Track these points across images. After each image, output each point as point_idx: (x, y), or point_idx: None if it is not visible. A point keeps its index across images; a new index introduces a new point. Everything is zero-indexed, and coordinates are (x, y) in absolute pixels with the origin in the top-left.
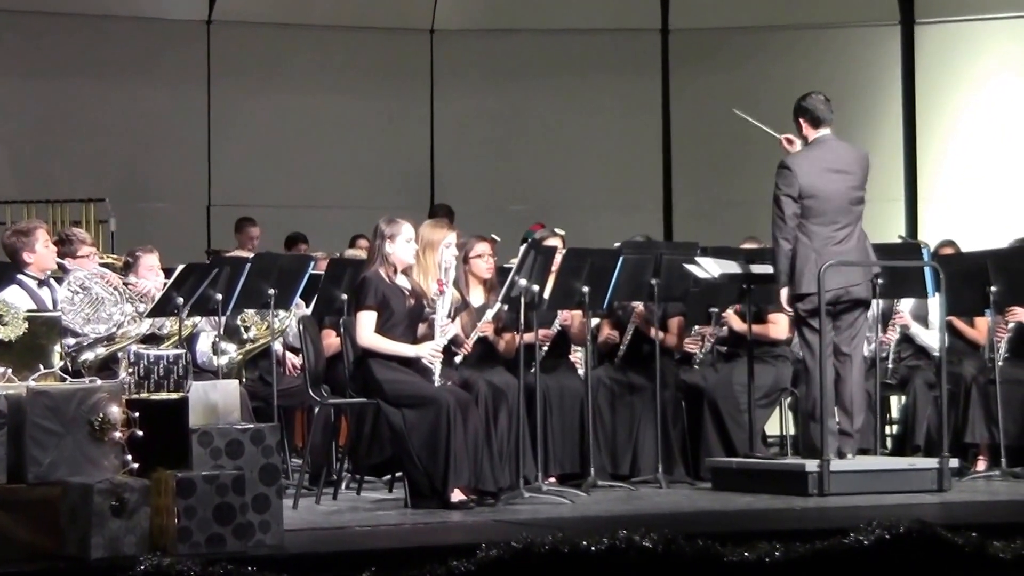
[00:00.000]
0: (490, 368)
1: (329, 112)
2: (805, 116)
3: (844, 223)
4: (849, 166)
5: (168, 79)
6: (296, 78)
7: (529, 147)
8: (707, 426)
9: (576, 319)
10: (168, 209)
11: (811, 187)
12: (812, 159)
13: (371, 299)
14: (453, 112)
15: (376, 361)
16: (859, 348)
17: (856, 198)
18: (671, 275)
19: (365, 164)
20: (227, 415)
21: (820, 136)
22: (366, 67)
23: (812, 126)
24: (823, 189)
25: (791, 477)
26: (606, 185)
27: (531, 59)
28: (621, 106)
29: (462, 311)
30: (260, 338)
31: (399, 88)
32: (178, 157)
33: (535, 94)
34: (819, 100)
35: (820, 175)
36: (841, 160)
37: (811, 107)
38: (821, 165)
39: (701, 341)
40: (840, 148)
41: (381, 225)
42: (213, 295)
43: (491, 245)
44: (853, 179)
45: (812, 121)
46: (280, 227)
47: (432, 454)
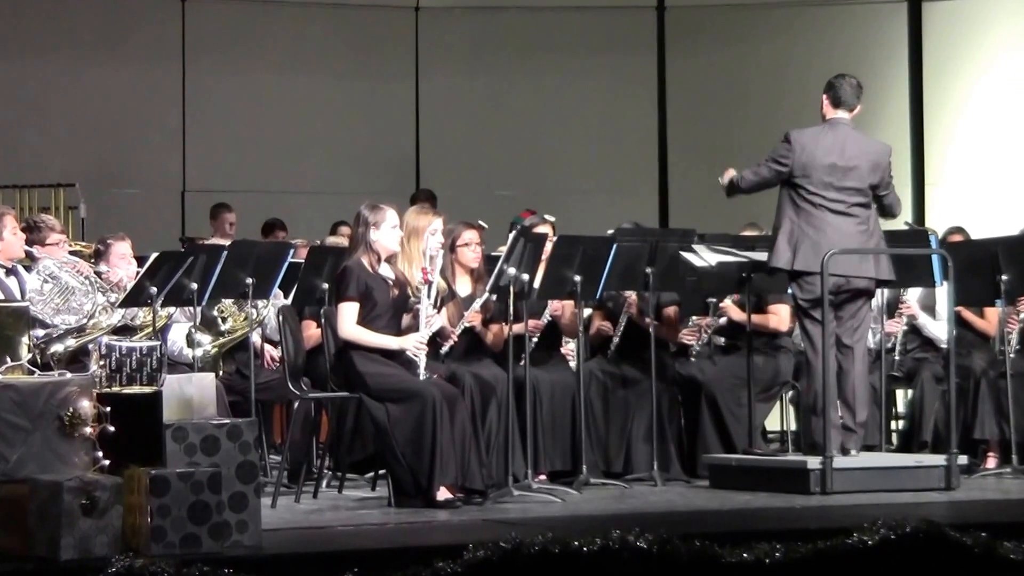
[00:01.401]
0: (477, 361)
1: (309, 93)
2: (829, 93)
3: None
4: (856, 155)
5: (141, 58)
6: (275, 57)
7: (518, 129)
8: (704, 421)
9: (567, 309)
10: (141, 195)
11: (805, 168)
12: (819, 139)
13: (353, 289)
14: (439, 93)
15: (358, 354)
16: (863, 339)
17: (857, 188)
18: (667, 263)
19: (347, 147)
20: (202, 410)
21: (834, 118)
22: (348, 46)
23: (832, 105)
24: (818, 173)
25: (792, 475)
26: (599, 169)
27: (521, 37)
28: (615, 86)
29: (448, 301)
30: (237, 329)
31: (383, 68)
32: (151, 140)
33: (525, 74)
34: (848, 83)
35: (819, 158)
36: (847, 148)
37: (837, 86)
38: (824, 147)
39: (698, 332)
40: (852, 136)
41: (364, 211)
42: (188, 284)
43: (478, 232)
44: (857, 168)
45: (832, 100)
46: (258, 213)
47: (417, 450)
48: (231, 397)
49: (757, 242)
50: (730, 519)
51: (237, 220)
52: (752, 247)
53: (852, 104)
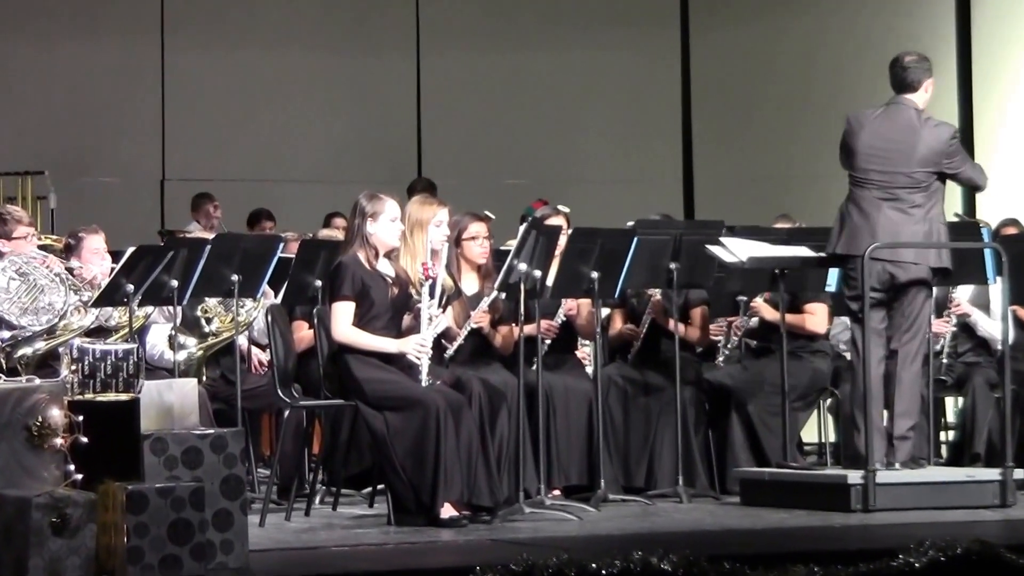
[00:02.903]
0: (485, 365)
1: (300, 71)
2: (890, 72)
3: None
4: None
5: (116, 33)
6: (263, 31)
7: (529, 112)
8: (734, 431)
9: (583, 309)
10: (116, 184)
11: (853, 149)
12: (869, 121)
13: (348, 287)
14: (443, 71)
15: (354, 357)
16: (915, 339)
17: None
18: (692, 258)
19: (342, 131)
20: (184, 419)
21: (896, 99)
22: (342, 19)
23: (895, 87)
24: (871, 156)
25: (831, 490)
26: (617, 156)
27: (532, 10)
28: (634, 65)
29: (454, 300)
30: (222, 331)
31: (380, 43)
32: (127, 124)
33: (536, 50)
34: (910, 60)
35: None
36: (898, 130)
37: (898, 66)
38: (873, 129)
39: (727, 334)
40: (906, 118)
41: (361, 202)
42: (168, 282)
43: (486, 225)
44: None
45: (895, 82)
46: (244, 204)
47: (419, 464)
48: (215, 405)
49: (791, 235)
50: (763, 539)
51: (221, 212)
52: (786, 240)
53: (917, 82)
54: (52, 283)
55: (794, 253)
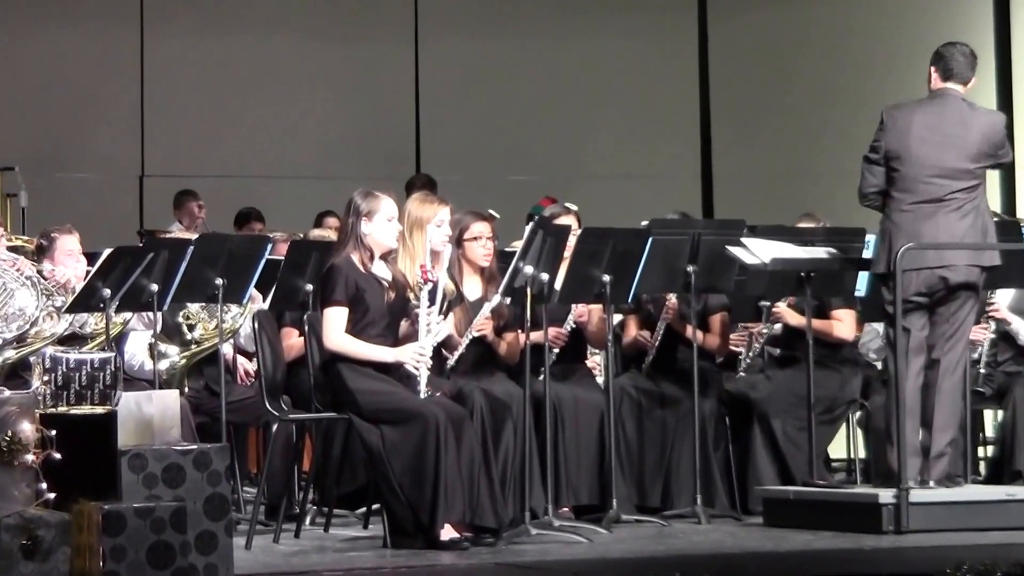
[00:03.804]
0: (489, 376)
1: (291, 61)
2: (938, 64)
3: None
4: (959, 130)
5: (93, 19)
6: (251, 19)
7: (536, 104)
8: (757, 447)
9: (594, 315)
10: (91, 180)
11: (898, 148)
12: (914, 113)
13: (341, 291)
14: (443, 61)
15: (348, 367)
16: (959, 347)
17: (961, 170)
18: (712, 261)
19: (335, 125)
20: (165, 433)
21: (942, 90)
22: (336, 6)
23: (941, 77)
24: (913, 152)
25: (861, 510)
26: (631, 150)
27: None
28: (649, 54)
29: (455, 305)
30: (205, 339)
31: (377, 32)
32: (104, 116)
33: (544, 40)
34: (960, 51)
35: (914, 135)
36: (950, 121)
37: (947, 56)
38: (921, 122)
39: (749, 342)
40: (957, 109)
41: (356, 199)
42: (147, 286)
43: (490, 225)
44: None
45: (943, 72)
46: (230, 202)
47: (417, 481)
48: (198, 418)
49: (815, 235)
50: (788, 563)
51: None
52: (811, 241)
53: (966, 76)
54: (23, 287)
55: (820, 255)
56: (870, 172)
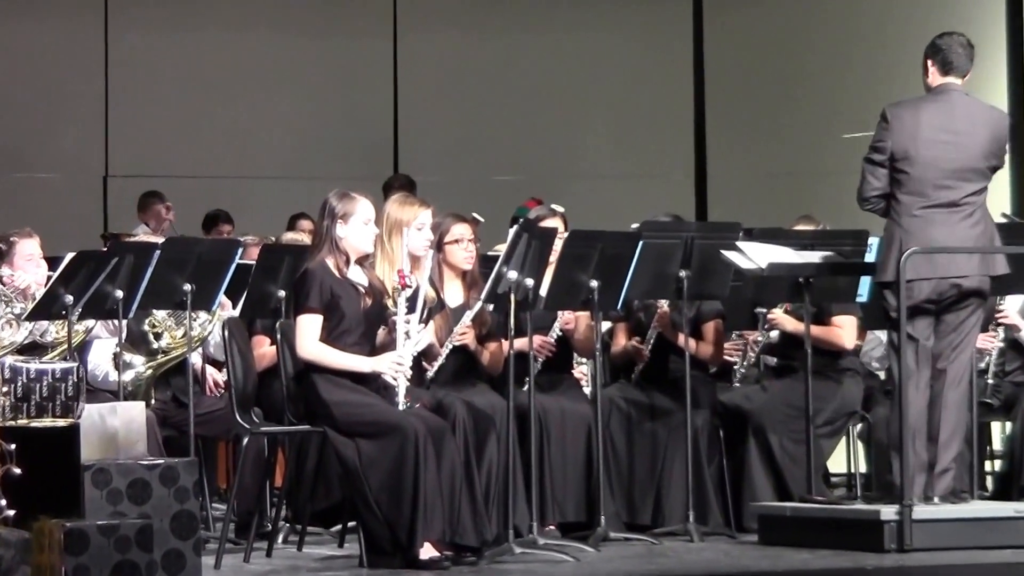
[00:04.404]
0: (471, 386)
1: (264, 56)
2: (935, 56)
3: (947, 199)
4: (969, 128)
5: (54, 13)
6: (222, 12)
7: (521, 101)
8: (752, 461)
9: (582, 322)
10: (53, 181)
11: (907, 149)
12: (920, 112)
13: (316, 298)
14: (423, 55)
15: (322, 378)
16: (964, 357)
17: (970, 170)
18: (705, 265)
19: (310, 123)
20: (130, 447)
21: (944, 86)
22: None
23: (940, 71)
24: (922, 153)
25: (862, 527)
26: (621, 149)
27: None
28: (640, 48)
29: (435, 312)
30: (173, 348)
31: (353, 25)
32: (66, 114)
33: (529, 33)
34: (959, 42)
35: (923, 135)
36: (959, 119)
37: (945, 47)
38: (929, 121)
39: (744, 350)
40: (963, 105)
41: (331, 201)
42: (112, 292)
43: (472, 227)
44: (971, 145)
45: (941, 65)
46: (199, 204)
47: (395, 498)
48: (165, 431)
49: (814, 238)
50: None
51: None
52: (810, 245)
53: (965, 68)
54: None
55: (820, 259)
56: (873, 174)
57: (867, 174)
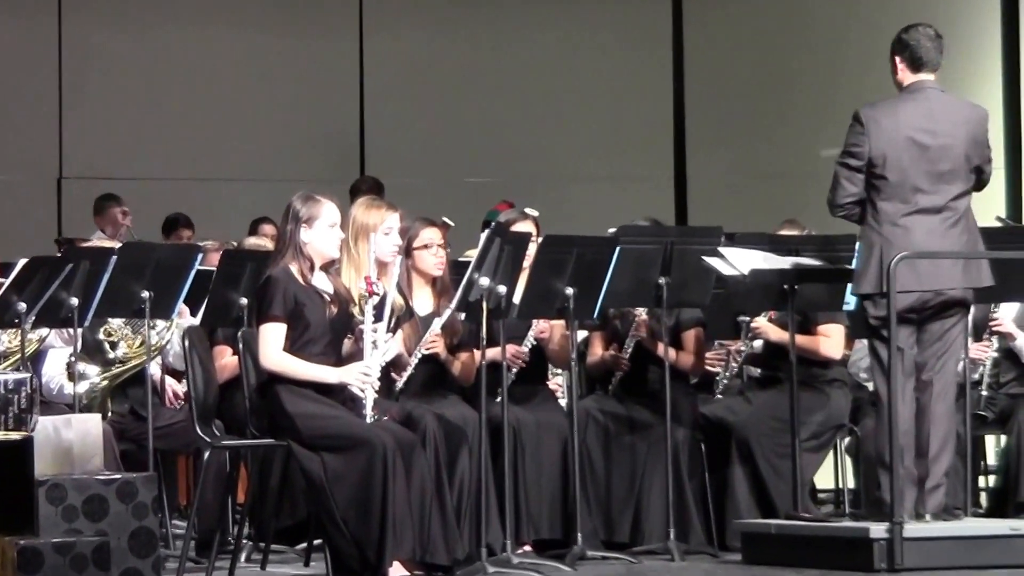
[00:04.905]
0: (441, 398)
1: (225, 54)
2: (903, 52)
3: (928, 203)
4: (950, 128)
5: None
6: (181, 8)
7: (493, 101)
8: (736, 476)
9: (557, 332)
10: (5, 183)
11: (885, 152)
12: (897, 113)
13: (279, 306)
14: (390, 53)
15: (287, 389)
16: (949, 367)
17: (952, 172)
18: (686, 271)
19: (273, 123)
20: (86, 461)
21: (917, 83)
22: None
23: (911, 68)
24: (902, 156)
25: (850, 546)
26: (597, 150)
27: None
28: (618, 43)
29: (404, 321)
30: (130, 357)
31: (318, 22)
32: (18, 113)
33: (504, 29)
34: (926, 34)
35: (901, 137)
36: (939, 119)
37: (912, 42)
38: (908, 122)
39: (726, 361)
40: (941, 103)
41: (294, 204)
42: (67, 299)
43: (442, 232)
44: (953, 146)
45: (911, 61)
46: (157, 208)
47: (363, 515)
48: (123, 445)
49: (800, 243)
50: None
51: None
52: (795, 250)
53: (936, 62)
54: None
55: (805, 265)
56: (849, 180)
57: (842, 179)
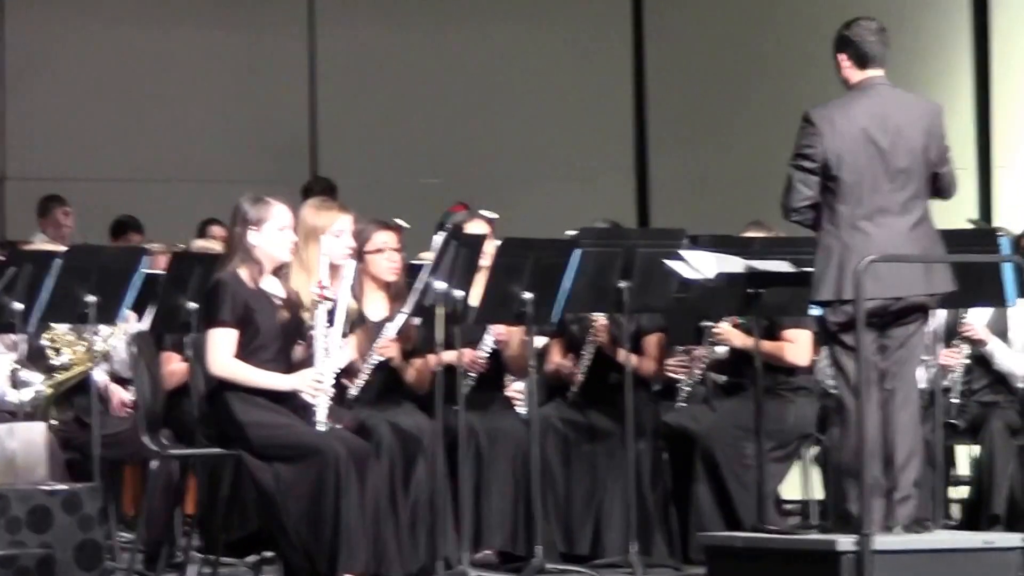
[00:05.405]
0: (396, 406)
1: (172, 49)
2: (847, 50)
3: (886, 204)
4: (905, 124)
5: None
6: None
7: (448, 97)
8: (699, 487)
9: (514, 337)
10: None
11: (840, 153)
12: (850, 112)
13: (227, 311)
14: (342, 49)
15: (237, 396)
16: (911, 374)
17: (909, 170)
18: (647, 275)
19: (220, 122)
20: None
21: (866, 80)
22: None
23: (857, 64)
24: (859, 156)
25: (817, 558)
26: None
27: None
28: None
29: (357, 326)
30: (75, 364)
31: (267, 17)
32: None
33: (460, 23)
34: (868, 28)
35: (856, 136)
36: (892, 116)
37: (856, 38)
38: (861, 120)
39: (689, 367)
40: (894, 99)
41: (243, 206)
42: (9, 304)
43: (396, 235)
44: (909, 142)
45: (857, 58)
46: (102, 209)
47: (315, 526)
48: (67, 454)
49: (765, 245)
50: None
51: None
52: (761, 253)
53: (883, 56)
54: None
55: (771, 268)
56: (804, 183)
57: (796, 183)
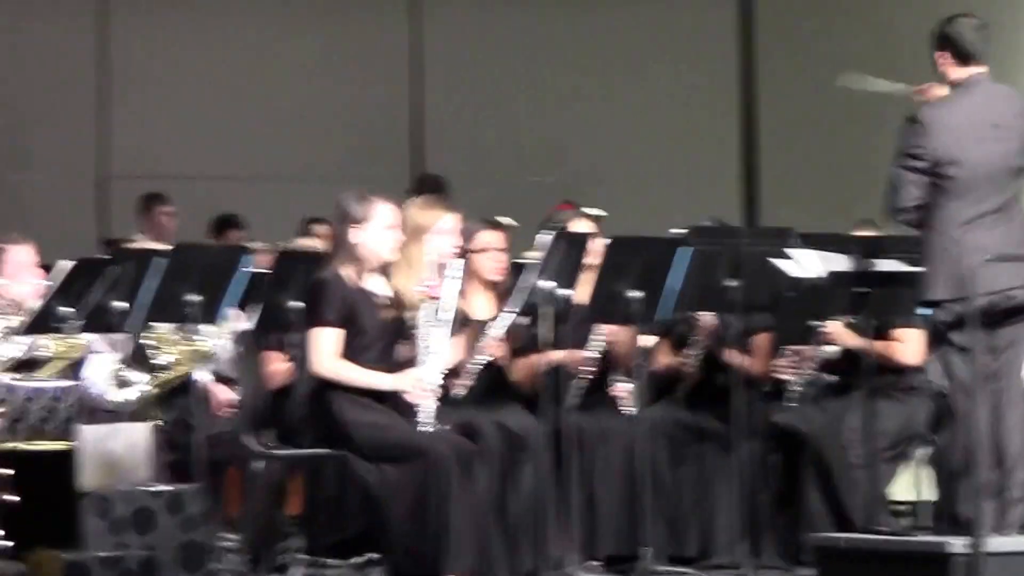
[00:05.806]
0: (501, 406)
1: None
2: (948, 48)
3: (998, 202)
4: (1010, 120)
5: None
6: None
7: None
8: (808, 488)
9: (623, 337)
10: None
11: (952, 152)
12: (957, 111)
13: (332, 310)
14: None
15: (341, 396)
16: (1019, 373)
17: (1016, 167)
18: (756, 274)
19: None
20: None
21: (970, 78)
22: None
23: (959, 62)
24: (971, 154)
25: (929, 561)
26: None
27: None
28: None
29: (463, 326)
30: (179, 364)
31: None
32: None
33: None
34: (969, 25)
35: (968, 134)
36: (998, 111)
37: (956, 36)
38: (970, 119)
39: (798, 367)
40: (998, 94)
41: (347, 205)
42: (114, 304)
43: (501, 234)
44: (1014, 139)
45: (959, 55)
46: (204, 207)
47: (420, 528)
48: (170, 455)
49: (877, 245)
50: None
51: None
52: (872, 252)
53: (984, 53)
54: None
55: (882, 268)
56: (913, 183)
57: (907, 183)
